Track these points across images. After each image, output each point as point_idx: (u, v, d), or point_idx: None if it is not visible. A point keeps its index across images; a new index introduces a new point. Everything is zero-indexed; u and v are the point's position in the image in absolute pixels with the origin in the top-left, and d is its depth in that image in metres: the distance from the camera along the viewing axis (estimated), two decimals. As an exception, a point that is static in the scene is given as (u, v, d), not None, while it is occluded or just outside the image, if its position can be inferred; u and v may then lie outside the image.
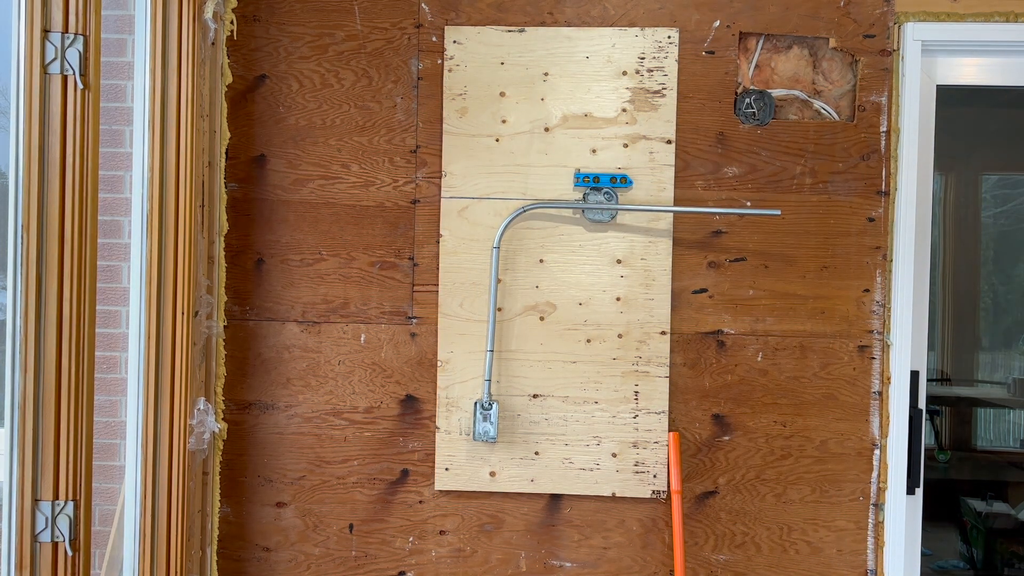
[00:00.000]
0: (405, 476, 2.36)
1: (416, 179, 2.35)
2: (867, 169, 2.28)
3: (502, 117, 2.31)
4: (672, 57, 2.29)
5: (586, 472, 2.31)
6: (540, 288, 2.32)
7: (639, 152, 2.30)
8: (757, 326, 2.30)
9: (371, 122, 2.35)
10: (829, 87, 2.30)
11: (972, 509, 3.85)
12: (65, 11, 1.62)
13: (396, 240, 2.35)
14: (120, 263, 2.58)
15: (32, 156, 1.61)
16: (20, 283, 1.61)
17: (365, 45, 2.35)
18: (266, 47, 2.36)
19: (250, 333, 2.37)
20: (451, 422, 2.33)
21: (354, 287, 2.36)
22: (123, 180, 2.57)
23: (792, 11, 2.29)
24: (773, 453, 2.31)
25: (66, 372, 1.65)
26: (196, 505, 2.24)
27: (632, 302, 2.30)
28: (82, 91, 1.64)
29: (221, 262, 2.34)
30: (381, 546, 2.36)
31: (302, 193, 2.36)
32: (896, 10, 2.27)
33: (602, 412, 2.30)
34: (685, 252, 2.30)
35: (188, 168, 2.08)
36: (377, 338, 2.35)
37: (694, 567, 2.31)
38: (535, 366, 2.31)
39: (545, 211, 2.31)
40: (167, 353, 2.06)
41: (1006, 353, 5.28)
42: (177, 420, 2.08)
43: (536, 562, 2.34)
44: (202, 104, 2.17)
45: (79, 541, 1.67)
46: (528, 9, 2.32)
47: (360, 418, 2.36)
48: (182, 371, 2.08)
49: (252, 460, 2.38)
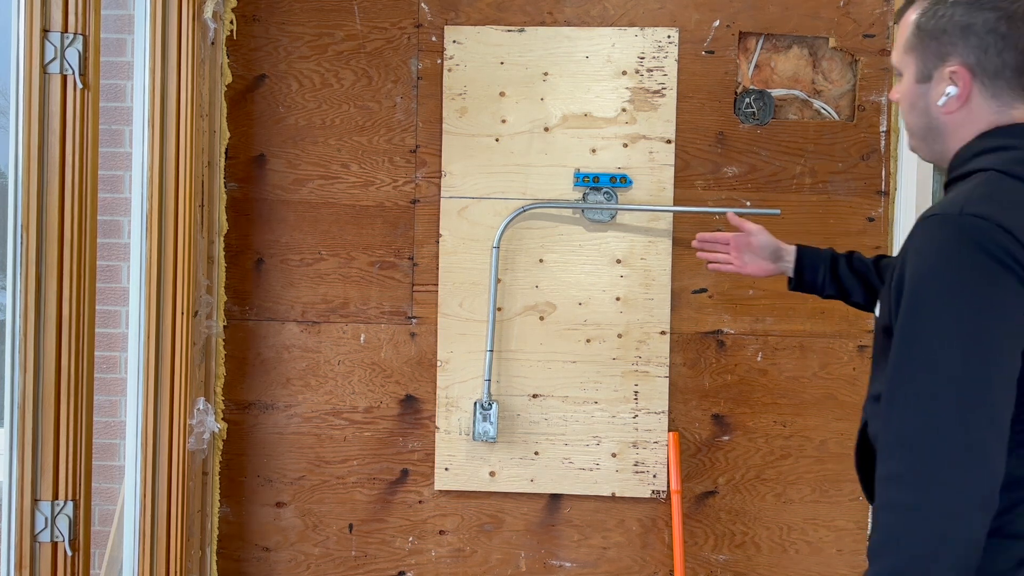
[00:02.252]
0: (405, 476, 2.36)
1: (416, 179, 2.35)
2: (867, 169, 2.28)
3: (502, 117, 2.31)
4: (672, 57, 2.29)
5: (586, 472, 2.31)
6: (540, 288, 2.32)
7: (639, 152, 2.29)
8: (757, 326, 2.30)
9: (371, 122, 2.35)
10: (829, 87, 2.30)
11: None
12: (65, 11, 1.62)
13: (396, 240, 2.35)
14: (120, 263, 2.58)
15: (32, 156, 1.61)
16: (20, 283, 1.61)
17: (365, 45, 2.35)
18: (266, 47, 2.36)
19: (250, 333, 2.37)
20: (451, 422, 2.33)
21: (354, 287, 2.36)
22: (123, 180, 2.57)
23: (792, 11, 2.29)
24: (773, 453, 2.31)
25: (66, 372, 1.65)
26: (196, 505, 2.24)
27: (632, 302, 2.30)
28: (82, 91, 1.64)
29: (221, 262, 2.34)
30: (381, 546, 2.36)
31: (302, 193, 2.36)
32: (896, 10, 2.27)
33: (602, 412, 2.30)
34: (685, 252, 2.30)
35: (188, 168, 2.08)
36: (377, 338, 2.35)
37: (694, 567, 2.31)
38: (535, 366, 2.31)
39: (545, 211, 2.31)
40: (167, 353, 2.06)
41: (1006, 353, 5.29)
42: (177, 420, 2.08)
43: (536, 562, 2.34)
44: (202, 104, 2.17)
45: (79, 541, 1.67)
46: (528, 9, 2.32)
47: (360, 418, 2.36)
48: (182, 371, 2.08)
49: (252, 460, 2.38)
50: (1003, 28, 1.16)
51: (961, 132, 1.22)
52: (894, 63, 1.31)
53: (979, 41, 1.17)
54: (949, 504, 1.01)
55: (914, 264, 1.09)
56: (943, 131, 1.23)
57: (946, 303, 1.06)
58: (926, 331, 1.07)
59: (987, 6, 1.17)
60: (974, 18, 1.17)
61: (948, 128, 1.23)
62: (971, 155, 1.20)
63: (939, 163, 1.31)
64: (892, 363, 1.09)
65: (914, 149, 1.33)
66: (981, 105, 1.20)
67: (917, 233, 1.12)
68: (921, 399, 1.05)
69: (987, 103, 1.20)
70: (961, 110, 1.21)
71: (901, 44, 1.27)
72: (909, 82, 1.26)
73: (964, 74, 1.19)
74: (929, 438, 1.03)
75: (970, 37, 1.17)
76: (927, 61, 1.22)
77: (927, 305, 1.07)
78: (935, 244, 1.09)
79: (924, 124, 1.25)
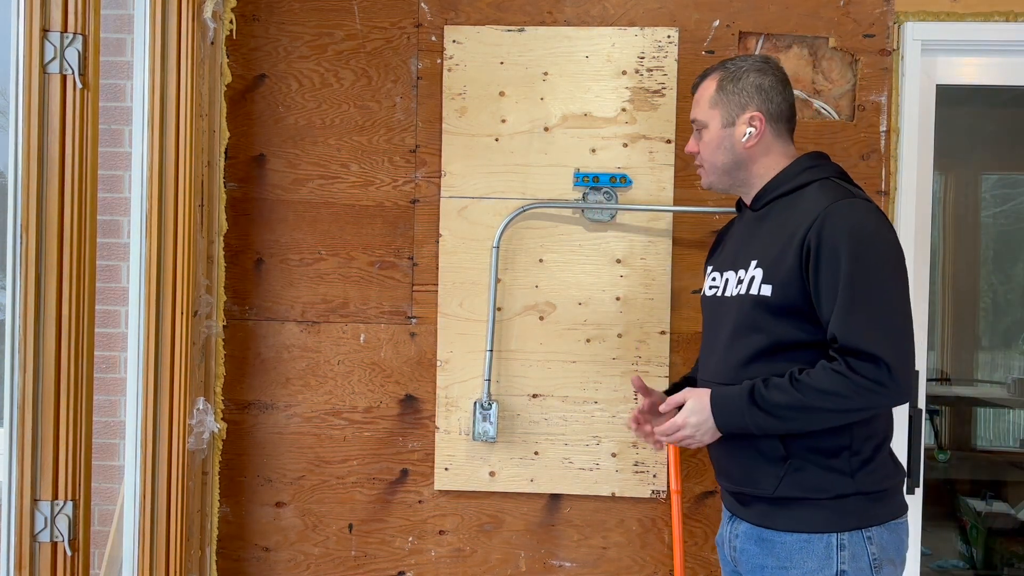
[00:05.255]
0: (405, 476, 2.36)
1: (415, 179, 2.35)
2: (867, 169, 2.28)
3: (502, 117, 2.31)
4: (672, 57, 2.29)
5: (586, 472, 2.31)
6: (540, 288, 2.32)
7: (639, 152, 2.29)
8: (757, 326, 2.29)
9: (370, 122, 2.35)
10: (829, 86, 2.30)
11: (972, 509, 3.84)
12: (64, 10, 1.61)
13: (396, 240, 2.35)
14: (120, 263, 2.58)
15: (31, 156, 1.61)
16: (19, 283, 1.61)
17: (364, 45, 2.35)
18: (265, 46, 2.36)
19: (249, 333, 2.37)
20: (451, 422, 2.33)
21: (353, 287, 2.36)
22: (122, 180, 2.57)
23: (792, 10, 2.29)
24: (773, 453, 2.30)
25: (65, 372, 1.65)
26: (195, 505, 2.24)
27: (632, 302, 2.30)
28: (81, 91, 1.64)
29: (220, 262, 2.34)
30: (380, 546, 2.36)
31: (301, 193, 2.36)
32: (896, 10, 2.27)
33: (602, 412, 2.30)
34: (685, 252, 2.30)
35: (187, 168, 2.07)
36: (376, 338, 2.35)
37: (693, 567, 2.31)
38: (535, 366, 2.31)
39: (545, 211, 2.31)
40: (166, 353, 2.06)
41: (1006, 353, 5.28)
42: (176, 420, 2.08)
43: (536, 562, 2.34)
44: (201, 104, 2.17)
45: (78, 541, 1.67)
46: (528, 8, 2.32)
47: (360, 418, 2.36)
48: (181, 371, 2.08)
49: (251, 460, 2.38)
50: (779, 88, 1.74)
51: (760, 160, 1.75)
52: (699, 118, 1.78)
53: (767, 95, 1.73)
54: (912, 348, 1.62)
55: (848, 230, 1.57)
56: (746, 162, 1.75)
57: (891, 248, 1.61)
58: (887, 266, 1.59)
59: (769, 73, 1.74)
60: (763, 80, 1.73)
61: (749, 159, 1.75)
62: (796, 173, 1.72)
63: (734, 191, 1.81)
64: (852, 295, 1.55)
65: (710, 185, 1.82)
66: (771, 140, 1.74)
67: (835, 213, 1.59)
68: (893, 306, 1.59)
69: (773, 139, 1.75)
70: (758, 145, 1.74)
71: (705, 103, 1.77)
72: (716, 129, 1.75)
73: (760, 117, 1.72)
74: (905, 325, 1.60)
75: (762, 93, 1.73)
76: (731, 111, 1.74)
77: (879, 251, 1.59)
78: (862, 215, 1.60)
79: (731, 159, 1.76)
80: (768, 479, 1.64)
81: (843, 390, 1.55)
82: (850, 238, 1.57)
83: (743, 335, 1.67)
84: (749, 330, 1.66)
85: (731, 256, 1.79)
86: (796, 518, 1.63)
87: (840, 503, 1.61)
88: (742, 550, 1.71)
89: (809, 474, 1.62)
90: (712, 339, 1.79)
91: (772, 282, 1.63)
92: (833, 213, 1.59)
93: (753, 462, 1.66)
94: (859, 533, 1.60)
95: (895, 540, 1.64)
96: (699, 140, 1.79)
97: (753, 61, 1.76)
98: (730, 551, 1.77)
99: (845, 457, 1.61)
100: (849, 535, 1.60)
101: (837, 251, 1.57)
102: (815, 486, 1.61)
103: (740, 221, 1.85)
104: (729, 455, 1.72)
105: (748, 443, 1.66)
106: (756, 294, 1.65)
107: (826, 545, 1.60)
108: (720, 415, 1.65)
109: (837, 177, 1.72)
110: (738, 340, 1.68)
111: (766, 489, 1.65)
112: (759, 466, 1.66)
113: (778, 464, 1.63)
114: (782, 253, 1.63)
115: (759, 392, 1.60)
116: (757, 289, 1.65)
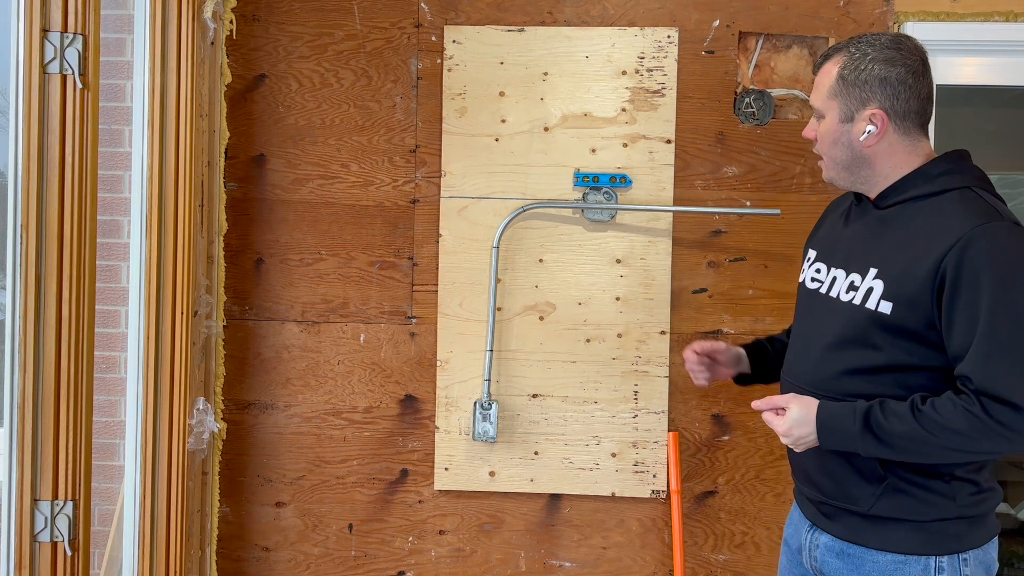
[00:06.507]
0: (404, 476, 2.36)
1: (415, 179, 2.35)
2: (867, 169, 2.27)
3: (502, 117, 2.31)
4: (672, 57, 2.29)
5: (586, 472, 2.31)
6: (540, 288, 2.32)
7: (639, 152, 2.29)
8: (757, 326, 2.30)
9: (370, 122, 2.35)
10: (829, 87, 2.30)
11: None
12: (64, 10, 1.61)
13: (395, 240, 2.35)
14: (120, 263, 2.58)
15: (31, 156, 1.61)
16: (19, 283, 1.61)
17: (364, 45, 2.35)
18: (265, 47, 2.36)
19: (249, 333, 2.37)
20: (451, 422, 2.33)
21: (353, 287, 2.36)
22: (122, 180, 2.57)
23: (792, 11, 2.29)
24: (773, 453, 2.30)
25: (65, 372, 1.65)
26: (195, 505, 2.24)
27: (632, 302, 2.30)
28: (81, 91, 1.64)
29: (220, 262, 2.34)
30: (380, 546, 2.36)
31: (301, 193, 2.36)
32: (895, 10, 2.27)
33: (602, 412, 2.30)
34: (685, 252, 2.30)
35: (187, 168, 2.07)
36: (376, 338, 2.35)
37: (693, 567, 2.31)
38: (535, 366, 2.31)
39: (545, 211, 2.31)
40: (166, 353, 2.06)
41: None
42: (176, 420, 2.08)
43: (536, 562, 2.34)
44: (201, 104, 2.17)
45: (78, 541, 1.67)
46: (528, 9, 2.32)
47: (359, 418, 2.36)
48: (181, 371, 2.07)
49: (251, 460, 2.38)
50: (910, 80, 1.53)
51: (885, 160, 1.56)
52: (817, 106, 1.61)
53: (892, 90, 1.53)
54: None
55: (992, 260, 1.42)
56: (868, 160, 1.57)
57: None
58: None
59: (898, 63, 1.53)
60: (889, 72, 1.52)
61: (871, 158, 1.57)
62: (933, 176, 1.54)
63: (856, 188, 1.62)
64: (993, 335, 1.41)
65: (831, 180, 1.64)
66: (896, 139, 1.55)
67: (979, 239, 1.43)
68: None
69: (899, 138, 1.55)
70: (879, 143, 1.55)
71: (824, 91, 1.58)
72: (833, 122, 1.57)
73: (882, 115, 1.53)
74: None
75: (886, 87, 1.53)
76: (850, 105, 1.55)
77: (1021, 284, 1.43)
78: (1007, 243, 1.44)
79: (848, 156, 1.58)
80: (864, 497, 1.55)
81: (974, 432, 1.42)
82: (993, 269, 1.42)
83: (849, 347, 1.55)
84: (858, 344, 1.54)
85: (845, 253, 1.63)
86: (891, 538, 1.54)
87: (941, 526, 1.52)
88: (823, 562, 1.63)
89: (909, 495, 1.53)
90: (807, 338, 1.67)
91: (893, 300, 1.49)
92: (977, 239, 1.43)
93: (848, 478, 1.57)
94: (956, 557, 1.52)
95: (988, 560, 1.56)
96: (817, 128, 1.62)
97: (882, 47, 1.54)
98: (809, 560, 1.67)
99: (948, 480, 1.51)
100: (948, 558, 1.52)
101: (978, 283, 1.42)
102: (915, 508, 1.53)
103: (859, 214, 1.65)
104: (821, 468, 1.61)
105: (844, 458, 1.56)
106: (873, 309, 1.51)
107: (923, 568, 1.52)
108: (828, 436, 1.52)
109: (978, 186, 1.54)
110: (843, 350, 1.56)
111: (861, 506, 1.56)
112: (855, 482, 1.56)
113: (875, 483, 1.54)
114: (910, 270, 1.48)
115: (876, 420, 1.47)
116: (875, 304, 1.51)
